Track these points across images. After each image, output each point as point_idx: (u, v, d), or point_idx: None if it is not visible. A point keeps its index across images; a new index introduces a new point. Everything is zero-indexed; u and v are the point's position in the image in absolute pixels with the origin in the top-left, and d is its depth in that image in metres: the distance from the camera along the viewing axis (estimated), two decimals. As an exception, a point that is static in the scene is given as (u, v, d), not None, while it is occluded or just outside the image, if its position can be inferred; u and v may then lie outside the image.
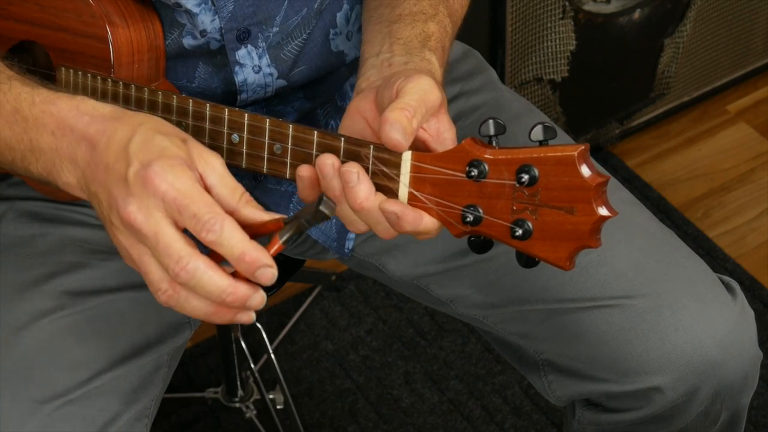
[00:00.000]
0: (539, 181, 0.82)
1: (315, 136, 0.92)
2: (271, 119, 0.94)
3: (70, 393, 1.05)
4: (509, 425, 1.81)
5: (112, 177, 0.84)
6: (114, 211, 0.84)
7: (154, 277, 0.83)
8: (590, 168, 0.81)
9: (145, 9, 1.05)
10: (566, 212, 0.82)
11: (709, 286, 1.12)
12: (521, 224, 0.83)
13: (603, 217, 0.81)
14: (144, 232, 0.82)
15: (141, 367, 1.11)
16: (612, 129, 2.24)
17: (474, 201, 0.85)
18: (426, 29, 1.01)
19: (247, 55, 1.08)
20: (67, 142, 0.88)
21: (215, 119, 0.96)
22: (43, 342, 1.07)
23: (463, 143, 0.85)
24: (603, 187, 0.82)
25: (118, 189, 0.83)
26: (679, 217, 2.12)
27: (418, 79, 0.88)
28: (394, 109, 0.85)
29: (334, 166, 0.88)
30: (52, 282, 1.10)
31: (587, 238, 0.82)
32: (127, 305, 1.11)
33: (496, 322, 1.17)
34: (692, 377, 1.09)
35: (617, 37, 2.09)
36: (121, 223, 0.83)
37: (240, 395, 1.80)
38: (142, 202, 0.82)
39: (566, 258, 0.83)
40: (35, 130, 0.90)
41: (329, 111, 1.20)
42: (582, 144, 0.81)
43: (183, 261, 0.81)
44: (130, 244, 0.84)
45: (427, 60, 0.98)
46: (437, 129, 0.90)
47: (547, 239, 0.83)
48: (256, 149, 0.95)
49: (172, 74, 1.09)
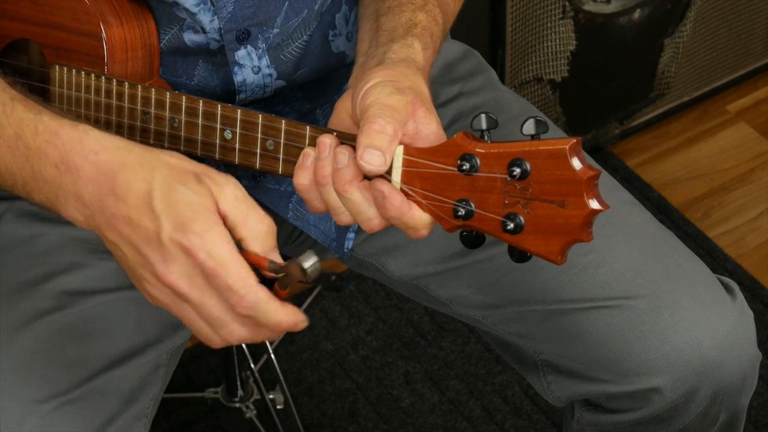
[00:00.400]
0: (531, 175, 0.82)
1: (307, 131, 0.92)
2: (264, 114, 0.94)
3: (68, 393, 1.05)
4: (509, 425, 1.81)
5: (141, 235, 0.86)
6: (148, 271, 0.86)
7: (200, 329, 0.88)
8: (582, 161, 0.81)
9: (140, 7, 1.05)
10: (558, 206, 0.81)
11: (709, 287, 1.12)
12: (513, 218, 0.83)
13: (594, 210, 0.81)
14: (190, 297, 0.86)
15: (140, 367, 1.11)
16: (612, 129, 2.24)
17: (466, 195, 0.85)
18: (413, 18, 1.01)
19: (247, 55, 1.08)
20: (72, 180, 0.89)
21: (208, 115, 0.97)
22: (41, 342, 1.07)
23: (455, 137, 0.85)
24: (594, 180, 0.81)
25: (152, 251, 0.85)
26: (679, 217, 2.12)
27: (372, 93, 0.90)
28: (363, 135, 0.88)
29: (331, 146, 0.89)
30: (51, 282, 1.10)
31: (579, 231, 0.82)
32: (125, 305, 1.11)
33: (496, 323, 1.17)
34: (691, 378, 1.09)
35: (617, 37, 2.09)
36: (159, 282, 0.86)
37: (240, 395, 1.80)
38: (183, 269, 0.85)
39: (558, 252, 0.83)
40: (38, 159, 0.91)
41: (328, 111, 1.20)
42: (573, 138, 0.81)
43: (226, 327, 0.87)
44: (171, 301, 0.87)
45: (408, 45, 0.97)
46: (415, 129, 0.89)
47: (539, 233, 0.83)
48: (249, 145, 0.95)
49: (171, 71, 1.09)
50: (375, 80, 0.91)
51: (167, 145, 1.01)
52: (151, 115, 1.01)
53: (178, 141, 1.00)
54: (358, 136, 0.87)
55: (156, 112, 1.00)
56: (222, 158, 0.98)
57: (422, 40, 0.98)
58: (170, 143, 1.01)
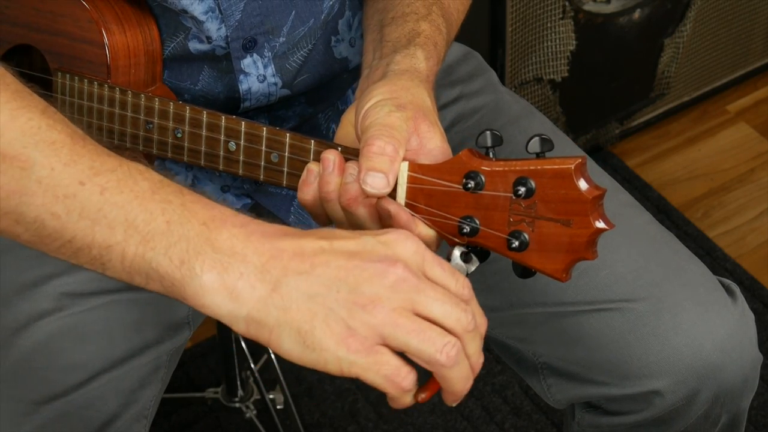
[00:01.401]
0: (536, 194, 0.82)
1: (312, 146, 0.92)
2: (268, 127, 0.94)
3: (68, 394, 1.05)
4: (509, 425, 1.81)
5: (344, 252, 0.79)
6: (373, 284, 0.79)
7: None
8: (587, 181, 0.81)
9: (142, 14, 1.05)
10: (563, 225, 0.82)
11: (709, 290, 1.12)
12: (518, 236, 0.83)
13: (599, 229, 0.81)
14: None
15: (139, 368, 1.11)
16: (612, 129, 2.24)
17: (471, 212, 0.85)
18: (417, 27, 1.00)
19: (253, 64, 1.08)
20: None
21: (212, 126, 0.96)
22: (41, 343, 1.07)
23: (460, 154, 0.85)
24: (600, 200, 0.82)
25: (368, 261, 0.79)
26: (679, 217, 2.12)
27: (372, 113, 0.89)
28: (363, 158, 0.86)
29: (334, 162, 0.89)
30: (51, 283, 1.09)
31: (584, 250, 0.82)
32: (125, 306, 1.11)
33: (495, 326, 1.17)
34: (692, 381, 1.09)
35: (617, 37, 2.08)
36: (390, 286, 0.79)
37: (240, 395, 1.80)
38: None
39: (562, 270, 0.83)
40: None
41: (330, 115, 1.20)
42: (579, 157, 0.81)
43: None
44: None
45: (411, 54, 0.97)
46: (419, 144, 0.89)
47: (544, 251, 0.83)
48: (253, 157, 0.95)
49: (176, 75, 1.09)
50: (375, 99, 0.91)
51: (170, 155, 1.01)
52: (154, 125, 1.01)
53: (181, 151, 1.00)
54: (359, 159, 0.87)
55: (159, 122, 1.00)
56: (226, 169, 0.98)
57: (425, 50, 0.98)
58: (173, 153, 1.01)
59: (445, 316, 0.79)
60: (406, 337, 0.77)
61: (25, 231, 0.82)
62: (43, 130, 0.81)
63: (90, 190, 0.80)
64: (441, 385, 0.81)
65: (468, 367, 0.80)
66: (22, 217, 0.81)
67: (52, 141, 0.81)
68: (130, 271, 0.80)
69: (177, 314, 1.16)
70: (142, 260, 0.79)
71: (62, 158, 0.80)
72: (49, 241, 0.82)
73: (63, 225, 0.80)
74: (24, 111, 0.81)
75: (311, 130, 1.20)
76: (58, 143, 0.81)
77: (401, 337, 0.77)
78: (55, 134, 0.81)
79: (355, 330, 0.77)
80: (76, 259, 0.83)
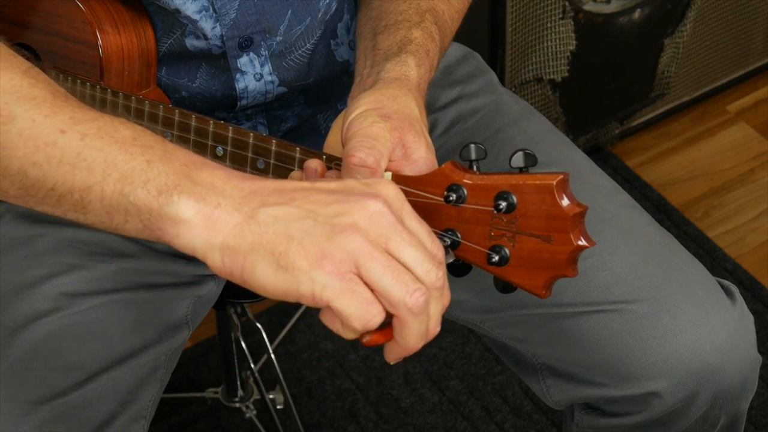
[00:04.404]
0: (517, 209, 0.81)
1: (297, 153, 0.92)
2: (255, 134, 0.94)
3: (66, 394, 1.05)
4: (509, 425, 1.81)
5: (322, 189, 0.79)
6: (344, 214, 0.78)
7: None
8: (569, 198, 0.81)
9: (137, 15, 1.05)
10: (543, 240, 0.81)
11: (708, 291, 1.12)
12: (498, 250, 0.83)
13: (580, 247, 0.81)
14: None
15: (138, 368, 1.11)
16: (612, 129, 2.24)
17: (452, 225, 0.85)
18: (409, 35, 1.00)
19: (249, 62, 1.08)
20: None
21: (200, 131, 0.97)
22: (39, 343, 1.07)
23: (444, 167, 0.85)
24: (581, 218, 0.81)
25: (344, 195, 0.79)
26: (679, 217, 2.12)
27: (355, 123, 0.89)
28: (344, 169, 0.86)
29: (317, 171, 0.89)
30: (50, 283, 1.09)
31: (564, 267, 0.81)
32: (123, 306, 1.11)
33: (494, 327, 1.17)
34: (691, 382, 1.09)
35: (617, 37, 2.08)
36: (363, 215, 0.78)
37: (240, 395, 1.80)
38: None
39: (542, 286, 0.83)
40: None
41: (330, 116, 1.20)
42: (561, 173, 0.81)
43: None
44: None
45: (402, 62, 0.97)
46: (403, 153, 0.89)
47: (524, 267, 0.82)
48: (240, 163, 0.95)
49: (174, 72, 1.09)
50: (360, 109, 0.90)
51: None
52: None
53: None
54: (341, 170, 0.87)
55: (148, 125, 1.00)
56: None
57: (417, 57, 0.98)
58: None
59: (416, 262, 0.77)
60: (381, 270, 0.75)
61: (11, 185, 0.83)
62: (24, 88, 0.83)
63: (70, 137, 0.81)
64: (394, 335, 0.78)
65: (426, 324, 0.78)
66: (7, 170, 0.82)
67: (33, 97, 0.82)
68: (109, 210, 0.80)
69: (175, 314, 1.16)
70: (120, 196, 0.79)
71: (43, 111, 0.82)
72: (33, 192, 0.83)
73: (44, 173, 0.81)
74: (5, 72, 0.83)
75: (310, 130, 1.20)
76: (39, 98, 0.82)
77: (376, 270, 0.75)
78: (37, 91, 0.83)
79: (330, 252, 0.75)
80: (60, 209, 0.83)
